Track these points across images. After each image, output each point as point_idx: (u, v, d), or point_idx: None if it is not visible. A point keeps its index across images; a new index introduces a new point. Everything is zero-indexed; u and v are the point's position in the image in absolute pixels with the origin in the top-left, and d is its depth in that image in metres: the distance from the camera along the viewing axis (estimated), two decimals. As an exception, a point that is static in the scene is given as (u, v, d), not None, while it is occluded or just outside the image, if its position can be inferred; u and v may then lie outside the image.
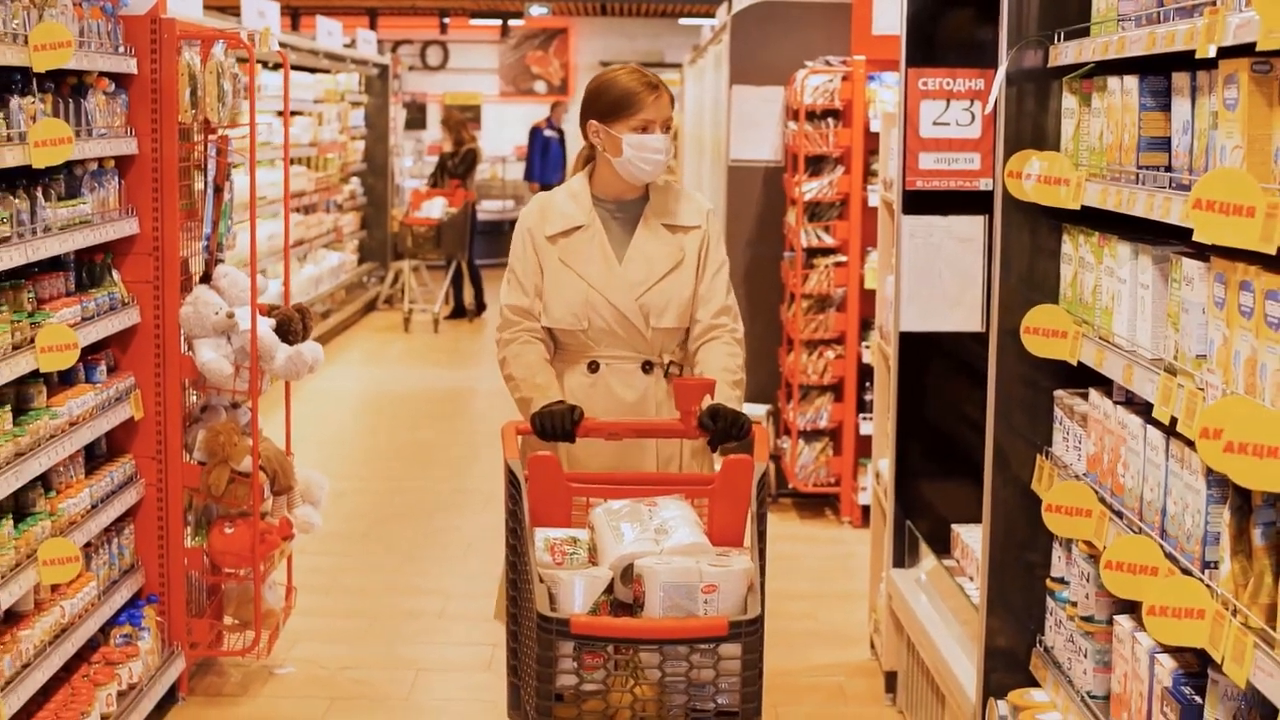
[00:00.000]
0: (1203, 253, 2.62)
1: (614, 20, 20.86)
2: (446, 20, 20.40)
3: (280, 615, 5.13)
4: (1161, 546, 2.73)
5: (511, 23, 20.57)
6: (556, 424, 3.46)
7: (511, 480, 3.23)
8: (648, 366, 3.75)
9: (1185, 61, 2.69)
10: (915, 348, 4.79)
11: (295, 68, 11.44)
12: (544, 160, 17.12)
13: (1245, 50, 2.34)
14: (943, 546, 4.60)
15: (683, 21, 19.70)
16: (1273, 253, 2.20)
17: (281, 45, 10.29)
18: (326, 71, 13.23)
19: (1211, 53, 2.44)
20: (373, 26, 18.48)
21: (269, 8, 10.59)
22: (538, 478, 3.32)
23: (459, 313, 13.78)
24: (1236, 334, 2.42)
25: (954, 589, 4.35)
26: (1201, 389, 2.54)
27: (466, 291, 13.84)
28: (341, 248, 13.57)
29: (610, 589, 3.06)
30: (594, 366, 3.74)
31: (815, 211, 7.05)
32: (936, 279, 4.66)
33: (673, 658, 2.93)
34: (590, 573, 3.07)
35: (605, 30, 20.92)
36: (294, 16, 17.83)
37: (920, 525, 4.85)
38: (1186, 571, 2.60)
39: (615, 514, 3.22)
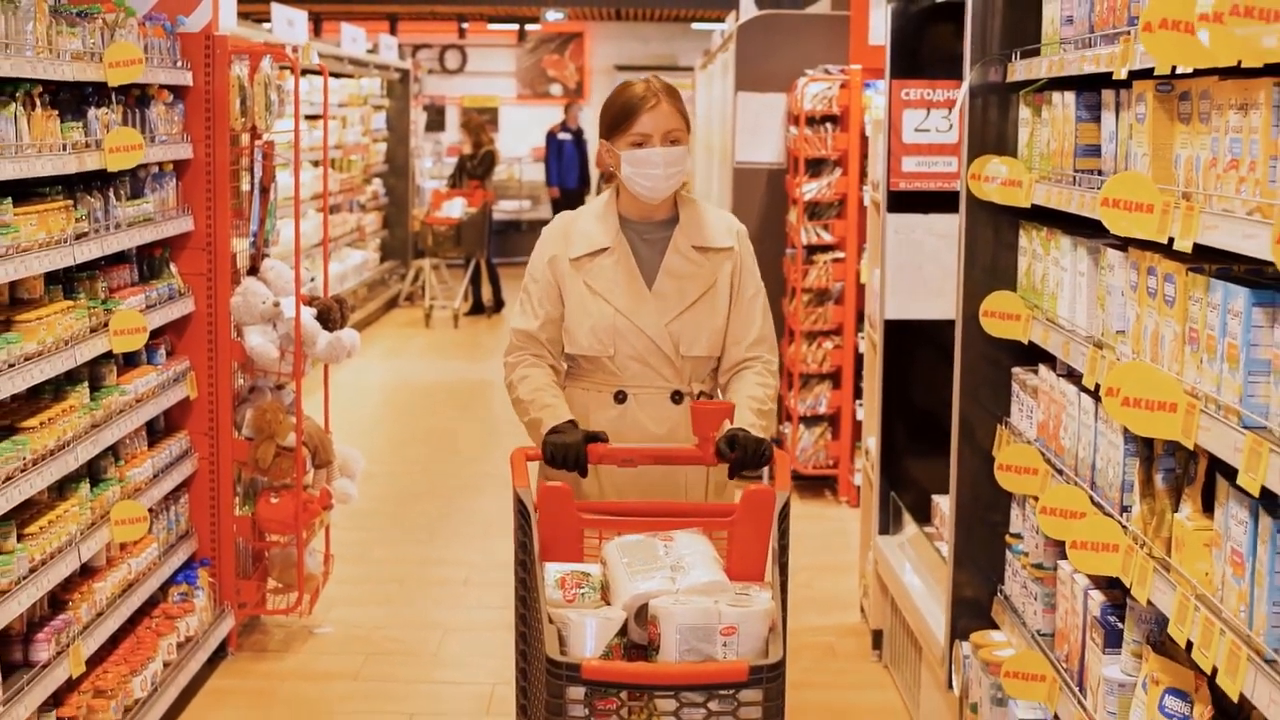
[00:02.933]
0: (1125, 245, 3.08)
1: (628, 25, 21.30)
2: (465, 25, 20.88)
3: (320, 579, 5.61)
4: (1090, 496, 3.18)
5: (528, 27, 21.03)
6: (568, 453, 3.31)
7: (521, 510, 3.09)
8: (677, 397, 3.58)
9: (1114, 80, 3.14)
10: (899, 335, 5.25)
11: (316, 72, 11.94)
12: (560, 164, 17.46)
13: (1152, 73, 2.79)
14: (924, 516, 5.06)
15: (695, 26, 20.14)
16: (1164, 242, 2.65)
17: (297, 50, 10.75)
18: (350, 76, 13.71)
19: (1124, 75, 2.90)
20: (393, 31, 18.96)
21: (297, 16, 11.07)
22: (547, 509, 3.15)
23: (478, 309, 14.24)
24: (1145, 311, 2.88)
25: (932, 552, 4.80)
26: (1119, 359, 2.99)
27: (485, 289, 14.30)
28: (364, 246, 14.05)
29: (624, 630, 2.91)
30: (621, 397, 3.56)
31: (815, 211, 7.51)
32: (918, 271, 5.13)
33: (689, 704, 2.74)
34: (602, 613, 2.91)
35: (620, 34, 21.36)
36: (316, 22, 18.31)
37: (904, 497, 5.30)
38: (1107, 514, 3.05)
39: (629, 549, 3.06)
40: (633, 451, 3.41)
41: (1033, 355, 3.80)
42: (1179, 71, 2.66)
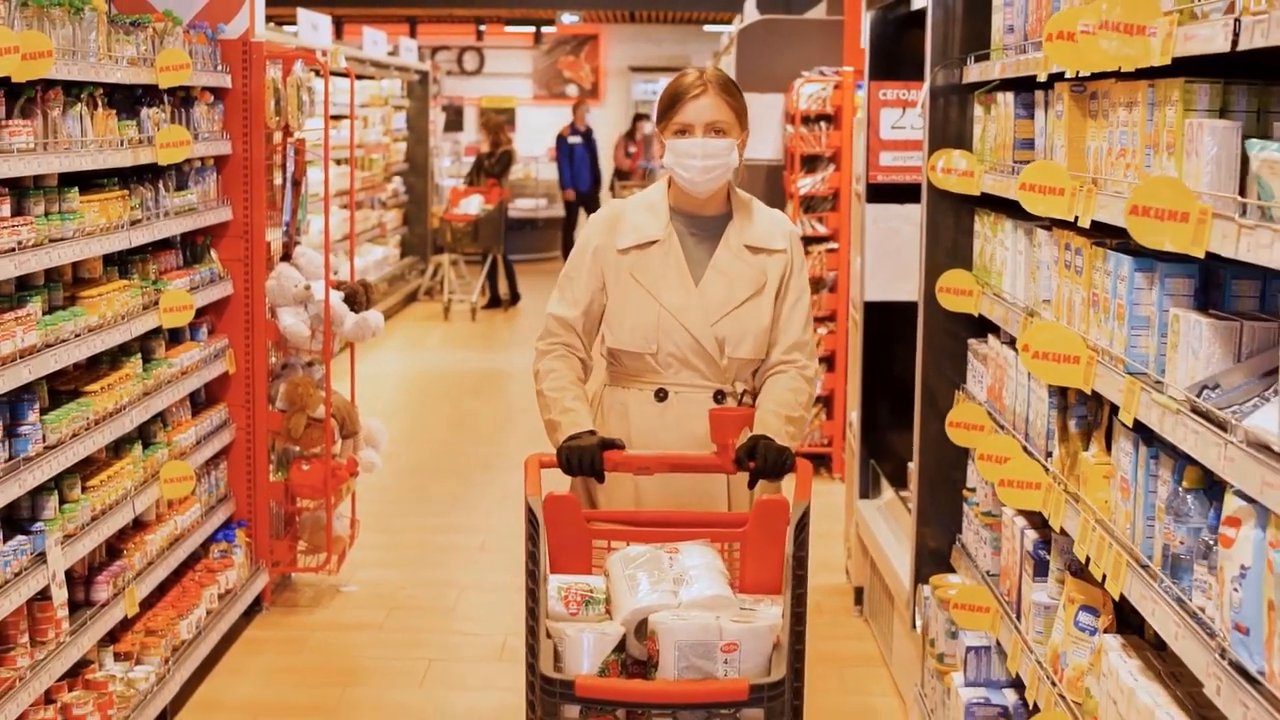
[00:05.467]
0: (1051, 226, 3.53)
1: (642, 26, 21.79)
2: (482, 27, 21.40)
3: (346, 541, 6.09)
4: (1024, 445, 3.64)
5: (544, 29, 21.55)
6: (584, 460, 3.22)
7: (530, 519, 2.98)
8: (720, 396, 3.49)
9: (1043, 82, 3.59)
10: (878, 315, 5.71)
11: (338, 74, 12.45)
12: (571, 167, 17.73)
13: (1064, 76, 3.25)
14: (901, 482, 5.51)
15: (706, 28, 20.61)
16: (1071, 219, 3.11)
17: (326, 54, 11.25)
18: (371, 78, 14.20)
19: (1044, 78, 3.36)
20: (412, 34, 19.47)
21: (321, 20, 11.57)
22: (555, 519, 3.07)
23: (495, 303, 14.72)
24: (1064, 281, 3.33)
25: (906, 514, 5.24)
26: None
27: (501, 283, 14.78)
28: (385, 242, 14.54)
29: (622, 645, 2.82)
30: (662, 395, 3.47)
31: (810, 204, 7.98)
32: (896, 256, 5.58)
33: None
34: (600, 628, 2.82)
35: (634, 36, 21.86)
36: (338, 25, 18.81)
37: (884, 466, 5.76)
38: (1034, 458, 3.51)
39: (632, 561, 2.97)
40: (649, 459, 3.29)
41: (984, 328, 4.26)
42: (1089, 74, 3.11)
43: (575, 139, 17.75)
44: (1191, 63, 2.55)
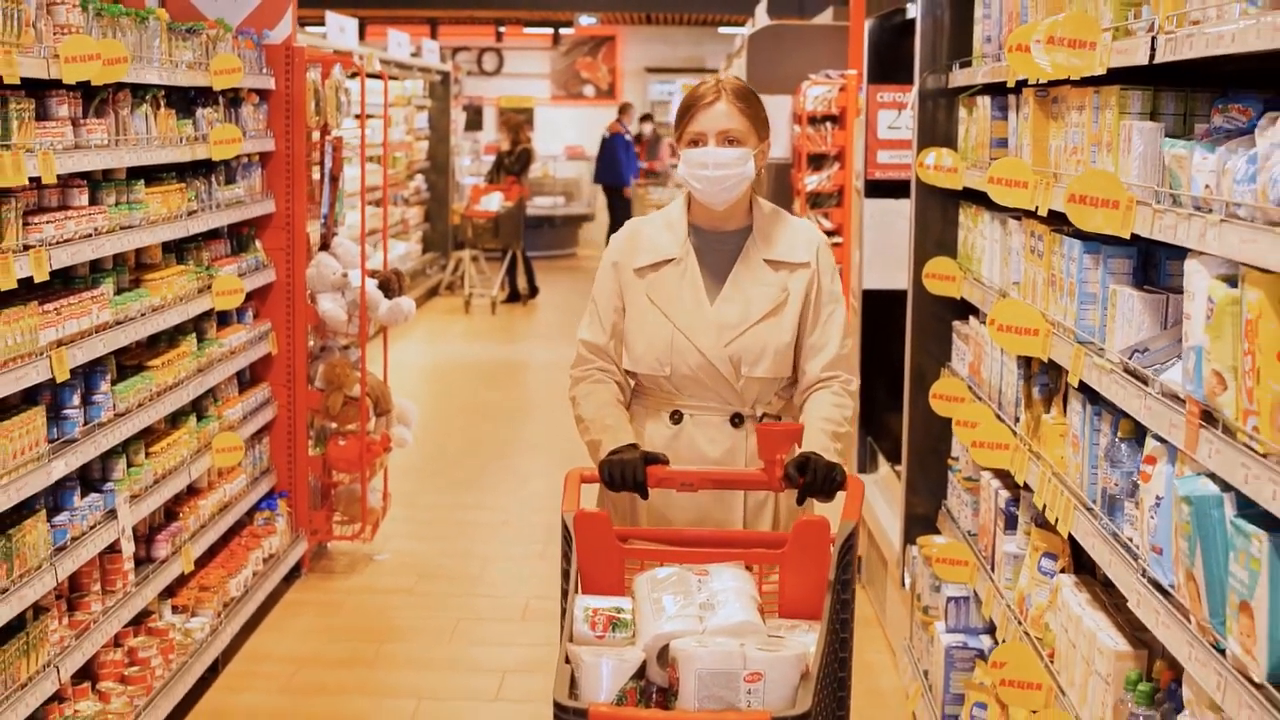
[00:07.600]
0: (1020, 216, 3.94)
1: (659, 29, 22.20)
2: (502, 29, 21.83)
3: (379, 513, 6.52)
4: (996, 413, 4.05)
5: (562, 31, 21.98)
6: (626, 474, 3.12)
7: (566, 537, 2.97)
8: (737, 419, 3.37)
9: (1014, 86, 4.00)
10: (876, 302, 6.12)
11: (371, 75, 12.87)
12: (628, 160, 18.22)
13: (1027, 83, 3.65)
14: (897, 458, 5.89)
15: (721, 30, 21.02)
16: (1033, 209, 3.52)
17: (362, 58, 11.68)
18: (395, 79, 14.63)
19: (1013, 84, 3.77)
20: (433, 35, 19.90)
21: (348, 23, 12.01)
22: (585, 537, 2.98)
23: (514, 297, 15.14)
24: (1029, 265, 3.74)
25: (900, 486, 5.66)
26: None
27: (520, 278, 15.21)
28: (407, 238, 14.97)
29: (643, 672, 2.72)
30: (676, 417, 3.37)
31: (816, 200, 8.39)
32: (891, 247, 5.99)
33: None
34: (619, 654, 2.71)
35: (650, 38, 22.27)
36: (361, 27, 19.23)
37: (882, 444, 6.17)
38: (1004, 423, 3.92)
39: (659, 584, 2.88)
40: (694, 475, 3.20)
41: (967, 310, 4.67)
42: (1051, 81, 3.52)
43: (628, 136, 18.21)
44: (1132, 72, 2.97)
